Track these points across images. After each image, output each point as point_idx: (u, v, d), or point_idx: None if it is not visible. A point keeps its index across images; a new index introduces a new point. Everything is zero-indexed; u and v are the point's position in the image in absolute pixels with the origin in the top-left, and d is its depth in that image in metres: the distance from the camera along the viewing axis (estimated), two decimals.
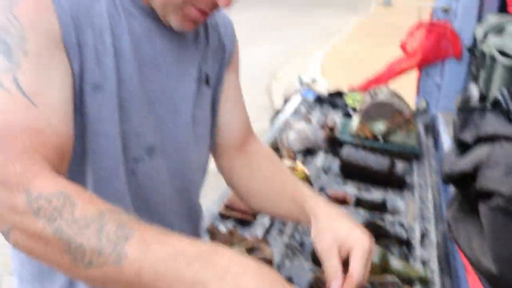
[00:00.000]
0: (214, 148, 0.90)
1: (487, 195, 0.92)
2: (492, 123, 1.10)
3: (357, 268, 0.69)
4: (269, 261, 0.87)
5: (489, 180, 0.93)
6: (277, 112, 3.77)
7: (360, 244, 0.71)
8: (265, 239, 1.05)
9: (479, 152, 1.02)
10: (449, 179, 1.11)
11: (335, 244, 0.72)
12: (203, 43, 0.82)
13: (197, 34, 0.81)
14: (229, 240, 0.96)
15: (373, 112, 1.71)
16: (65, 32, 0.62)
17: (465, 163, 1.05)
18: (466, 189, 1.08)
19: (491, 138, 1.05)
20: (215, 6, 0.69)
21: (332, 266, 0.70)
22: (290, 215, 0.85)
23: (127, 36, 0.69)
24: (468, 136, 1.14)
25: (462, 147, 1.14)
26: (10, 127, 0.57)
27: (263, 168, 0.87)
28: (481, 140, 1.08)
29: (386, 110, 1.70)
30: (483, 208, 0.94)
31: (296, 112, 2.14)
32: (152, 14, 0.72)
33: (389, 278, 0.88)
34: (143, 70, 0.72)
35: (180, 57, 0.78)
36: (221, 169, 0.92)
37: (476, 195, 0.99)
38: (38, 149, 0.58)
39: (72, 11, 0.63)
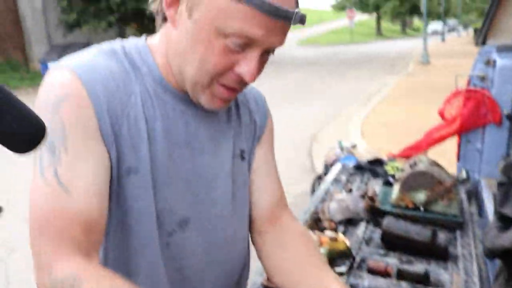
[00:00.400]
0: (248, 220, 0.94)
1: None
2: None
3: None
4: None
5: None
6: (318, 177, 3.82)
7: None
8: None
9: None
10: (491, 254, 1.12)
11: None
12: (235, 120, 0.89)
13: (229, 111, 0.88)
14: None
15: (412, 181, 1.73)
16: (102, 124, 0.71)
17: (507, 239, 1.05)
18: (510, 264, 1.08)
19: None
20: (242, 82, 0.74)
21: None
22: None
23: (160, 122, 0.77)
24: (509, 210, 1.15)
25: (504, 221, 1.15)
26: (45, 213, 0.68)
27: (293, 247, 0.89)
28: None
29: (426, 179, 1.71)
30: None
31: (336, 180, 2.18)
32: (184, 97, 0.79)
33: None
34: (175, 151, 0.79)
35: (214, 134, 0.84)
36: (254, 241, 0.95)
37: None
38: (68, 229, 0.68)
39: (109, 103, 0.72)
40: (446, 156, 2.89)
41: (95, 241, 0.71)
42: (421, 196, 1.69)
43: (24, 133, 0.47)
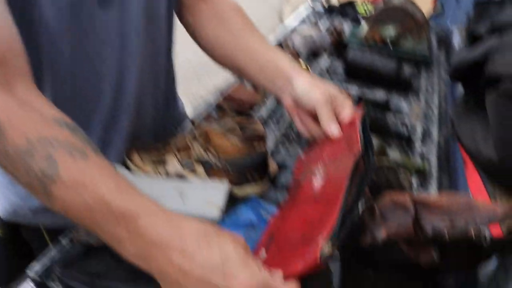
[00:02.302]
0: (179, 4, 0.89)
1: (496, 81, 0.86)
2: (510, 13, 1.03)
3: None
4: (260, 137, 0.83)
5: (499, 64, 0.87)
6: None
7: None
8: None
9: (491, 41, 0.96)
10: (457, 72, 1.06)
11: (329, 98, 0.75)
12: None
13: None
14: (221, 117, 0.93)
15: (384, 16, 1.62)
16: None
17: (475, 52, 0.98)
18: (474, 83, 1.03)
19: (506, 27, 0.98)
20: None
21: (328, 114, 0.75)
22: (257, 76, 0.85)
23: None
24: (481, 28, 1.07)
25: (475, 40, 1.07)
26: None
27: (229, 19, 0.87)
28: (495, 30, 1.02)
29: (398, 14, 1.61)
30: (490, 96, 0.89)
31: (304, 21, 2.05)
32: None
33: (386, 162, 0.85)
34: None
35: None
36: (187, 24, 0.92)
37: (484, 85, 0.94)
38: None
39: None
40: (424, 7, 2.75)
41: (14, 66, 0.60)
42: (391, 31, 1.59)
43: None
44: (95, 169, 0.54)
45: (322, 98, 0.76)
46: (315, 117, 0.79)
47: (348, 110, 0.76)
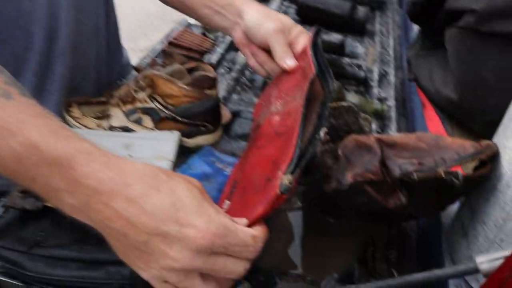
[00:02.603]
0: None
1: (456, 16, 0.83)
2: None
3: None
4: (211, 81, 0.77)
5: None
6: None
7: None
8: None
9: None
10: (414, 11, 1.01)
11: (283, 28, 0.70)
12: None
13: None
14: (168, 63, 0.85)
15: None
16: None
17: None
18: (431, 22, 0.99)
19: None
20: None
21: (281, 45, 0.70)
22: (205, 11, 0.80)
23: None
24: None
25: None
26: None
27: None
28: None
29: None
30: (450, 33, 0.85)
31: None
32: None
33: (344, 103, 0.80)
34: None
35: None
36: None
37: (443, 22, 0.90)
38: None
39: None
40: None
41: None
42: None
43: None
44: (22, 111, 0.46)
45: (274, 29, 0.70)
46: (268, 52, 0.73)
47: (303, 41, 0.70)
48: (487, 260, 0.25)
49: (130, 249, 0.44)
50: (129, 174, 0.44)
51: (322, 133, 0.51)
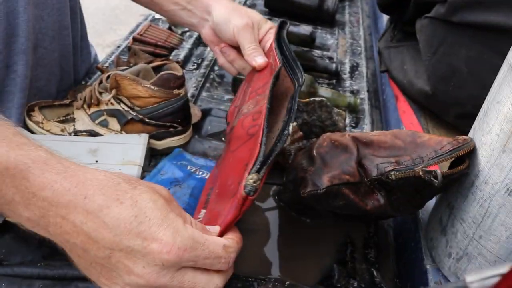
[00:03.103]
0: None
1: (427, 7, 0.82)
2: None
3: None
4: (179, 79, 0.73)
5: None
6: None
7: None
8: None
9: None
10: (385, 2, 1.00)
11: (251, 24, 0.68)
12: None
13: None
14: (133, 62, 0.82)
15: None
16: None
17: None
18: (401, 14, 0.99)
19: None
20: None
21: (251, 42, 0.68)
22: (172, 7, 0.77)
23: None
24: None
25: None
26: None
27: None
28: None
29: None
30: (421, 23, 0.84)
31: None
32: None
33: (316, 98, 0.78)
34: None
35: None
36: None
37: (414, 13, 0.89)
38: None
39: None
40: None
41: None
42: None
43: None
44: None
45: (243, 25, 0.68)
46: (238, 49, 0.71)
47: (273, 37, 0.68)
48: (477, 279, 0.23)
49: (93, 265, 0.41)
50: (88, 184, 0.40)
51: (290, 128, 0.49)
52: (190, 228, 0.42)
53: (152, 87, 0.72)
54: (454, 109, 0.78)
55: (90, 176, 0.41)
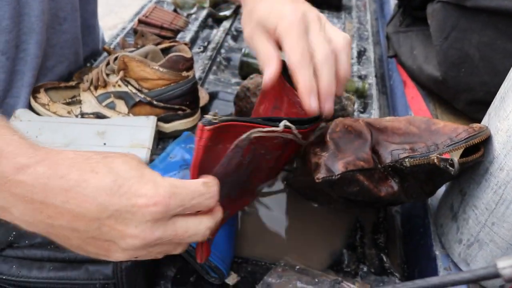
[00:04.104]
0: None
1: None
2: None
3: (288, 44, 0.52)
4: (187, 61, 0.72)
5: None
6: None
7: (284, 19, 0.53)
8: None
9: None
10: None
11: (258, 26, 0.56)
12: None
13: None
14: (140, 44, 0.81)
15: None
16: None
17: None
18: None
19: None
20: None
21: (262, 50, 0.55)
22: None
23: None
24: None
25: None
26: None
27: None
28: None
29: None
30: (432, 7, 0.83)
31: None
32: None
33: None
34: None
35: None
36: None
37: None
38: None
39: None
40: None
41: None
42: None
43: None
44: None
45: (251, 29, 0.57)
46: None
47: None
48: (510, 265, 0.23)
49: (86, 242, 0.40)
50: (61, 164, 0.39)
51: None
52: (167, 178, 0.41)
53: (161, 69, 0.71)
54: (464, 96, 0.77)
55: (62, 156, 0.40)
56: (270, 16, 0.55)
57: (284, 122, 0.46)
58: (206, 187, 0.42)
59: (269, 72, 0.53)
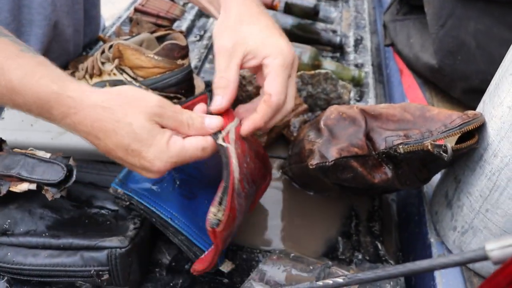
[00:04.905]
0: None
1: None
2: None
3: (273, 83, 0.49)
4: (182, 49, 0.72)
5: None
6: None
7: (276, 53, 0.50)
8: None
9: None
10: None
11: (240, 48, 0.51)
12: None
13: None
14: (136, 32, 0.80)
15: None
16: None
17: None
18: None
19: None
20: None
21: (226, 74, 0.52)
22: None
23: None
24: None
25: None
26: None
27: None
28: None
29: None
30: None
31: None
32: None
33: (321, 71, 0.78)
34: None
35: None
36: None
37: None
38: None
39: None
40: None
41: None
42: None
43: None
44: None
45: (227, 45, 0.52)
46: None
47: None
48: (498, 247, 0.23)
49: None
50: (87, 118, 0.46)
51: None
52: (173, 145, 0.47)
53: (156, 57, 0.71)
54: (460, 84, 0.77)
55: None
56: (262, 45, 0.51)
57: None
58: (203, 153, 0.48)
59: (223, 101, 0.53)
